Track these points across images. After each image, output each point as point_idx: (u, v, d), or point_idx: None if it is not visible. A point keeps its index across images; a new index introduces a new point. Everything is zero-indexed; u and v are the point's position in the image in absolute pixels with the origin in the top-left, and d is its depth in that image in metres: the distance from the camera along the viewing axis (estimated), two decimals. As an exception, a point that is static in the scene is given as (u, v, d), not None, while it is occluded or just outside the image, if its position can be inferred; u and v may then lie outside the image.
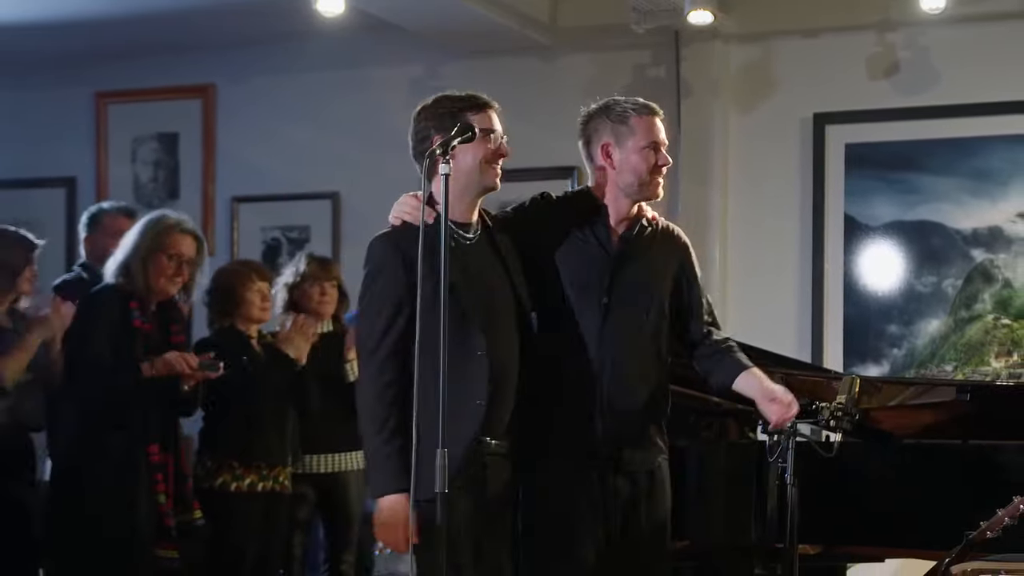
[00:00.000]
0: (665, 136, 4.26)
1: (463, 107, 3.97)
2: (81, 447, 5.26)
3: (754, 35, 7.17)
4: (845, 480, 4.73)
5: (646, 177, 4.20)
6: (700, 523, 4.83)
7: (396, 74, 7.67)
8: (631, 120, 4.21)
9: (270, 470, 5.74)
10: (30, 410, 5.51)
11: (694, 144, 7.13)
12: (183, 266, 5.34)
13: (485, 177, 3.98)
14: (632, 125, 4.20)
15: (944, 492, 4.64)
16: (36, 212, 8.26)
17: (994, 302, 6.80)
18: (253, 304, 5.81)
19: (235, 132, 8.07)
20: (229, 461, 5.66)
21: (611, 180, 4.23)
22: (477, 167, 3.95)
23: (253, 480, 5.70)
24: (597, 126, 4.25)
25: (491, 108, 4.03)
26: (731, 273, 7.15)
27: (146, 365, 5.21)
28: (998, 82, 6.79)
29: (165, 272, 5.31)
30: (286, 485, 5.81)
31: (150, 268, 5.29)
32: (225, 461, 5.65)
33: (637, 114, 4.22)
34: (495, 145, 3.99)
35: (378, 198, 7.43)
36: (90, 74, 8.27)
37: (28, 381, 5.44)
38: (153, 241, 5.31)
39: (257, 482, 5.71)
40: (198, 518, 5.41)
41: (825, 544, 4.81)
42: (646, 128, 4.21)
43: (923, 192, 6.90)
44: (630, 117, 4.21)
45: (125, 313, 5.27)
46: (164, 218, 5.43)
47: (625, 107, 4.23)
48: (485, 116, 3.99)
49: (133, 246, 5.32)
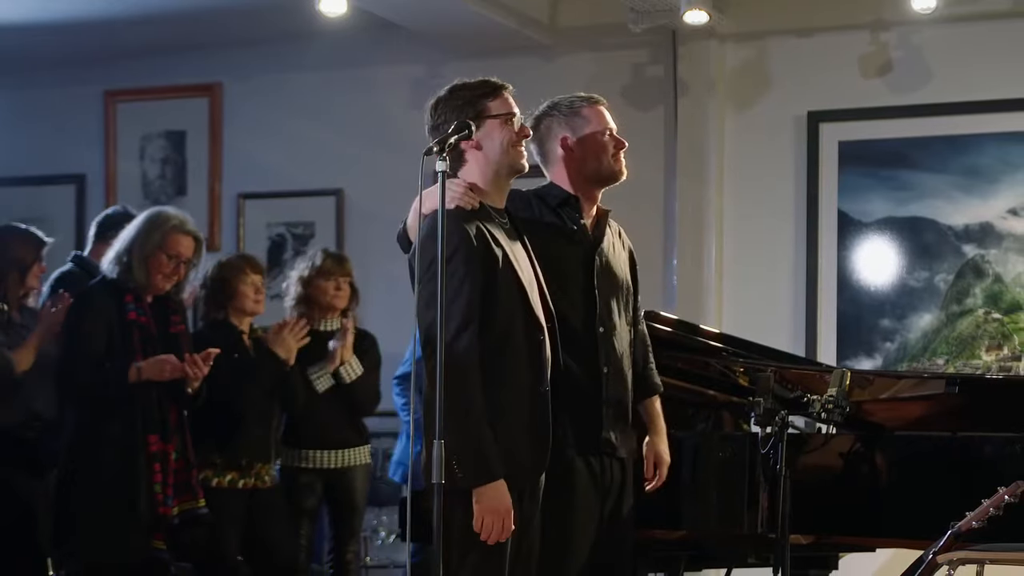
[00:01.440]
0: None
1: (479, 94, 3.94)
2: (80, 437, 5.26)
3: (749, 35, 7.17)
4: (835, 471, 4.73)
5: (610, 159, 4.24)
6: (695, 513, 4.83)
7: (398, 73, 7.68)
8: (583, 111, 4.25)
9: (250, 467, 5.75)
10: (44, 401, 5.53)
11: (690, 141, 7.14)
12: (181, 266, 5.35)
13: (513, 159, 3.91)
14: (585, 115, 4.24)
15: (933, 483, 4.64)
16: (46, 209, 8.28)
17: (985, 297, 6.80)
18: (246, 296, 5.81)
19: (241, 130, 8.07)
20: (211, 458, 5.66)
21: (575, 171, 4.24)
22: (504, 151, 3.90)
23: (234, 477, 5.71)
24: (549, 124, 4.28)
25: (506, 90, 3.98)
26: (727, 268, 7.15)
27: (133, 369, 5.21)
28: (989, 81, 6.79)
29: (163, 270, 5.32)
30: (267, 481, 5.81)
31: (150, 265, 5.30)
32: (207, 457, 5.63)
33: (587, 104, 4.26)
34: (516, 126, 3.94)
35: (381, 194, 7.61)
36: (99, 73, 8.27)
37: (40, 373, 5.46)
38: (154, 239, 5.31)
39: (238, 479, 5.72)
40: (202, 506, 5.39)
41: (816, 534, 4.81)
42: (598, 116, 4.26)
43: (915, 189, 6.90)
44: (581, 108, 4.26)
45: (120, 307, 5.27)
46: (167, 216, 5.42)
47: (572, 100, 4.28)
48: (502, 100, 3.95)
49: (133, 241, 5.32)
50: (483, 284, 3.75)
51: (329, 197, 7.86)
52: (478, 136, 3.86)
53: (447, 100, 3.95)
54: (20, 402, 5.39)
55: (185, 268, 5.37)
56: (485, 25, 7.09)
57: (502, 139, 3.90)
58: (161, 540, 5.26)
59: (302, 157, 7.89)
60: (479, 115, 3.89)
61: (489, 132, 3.88)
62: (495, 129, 3.89)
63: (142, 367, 5.21)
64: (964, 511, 4.13)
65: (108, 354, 5.23)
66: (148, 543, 5.22)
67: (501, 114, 3.90)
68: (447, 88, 3.99)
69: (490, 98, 3.93)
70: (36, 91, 8.42)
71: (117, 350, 5.24)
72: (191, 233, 5.39)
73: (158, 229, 5.33)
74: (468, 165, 3.91)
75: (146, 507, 5.19)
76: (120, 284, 5.30)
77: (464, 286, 3.72)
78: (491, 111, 3.91)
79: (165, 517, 5.23)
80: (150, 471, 5.21)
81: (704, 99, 7.14)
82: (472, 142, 3.86)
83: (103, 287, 5.33)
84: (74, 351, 5.26)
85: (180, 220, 5.42)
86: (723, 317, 7.07)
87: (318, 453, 6.06)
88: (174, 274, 5.35)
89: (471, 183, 3.89)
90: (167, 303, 5.42)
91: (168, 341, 5.38)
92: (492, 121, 3.90)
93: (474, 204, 3.84)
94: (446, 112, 3.92)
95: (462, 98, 3.93)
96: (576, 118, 4.24)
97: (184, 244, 5.35)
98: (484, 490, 3.66)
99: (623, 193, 7.38)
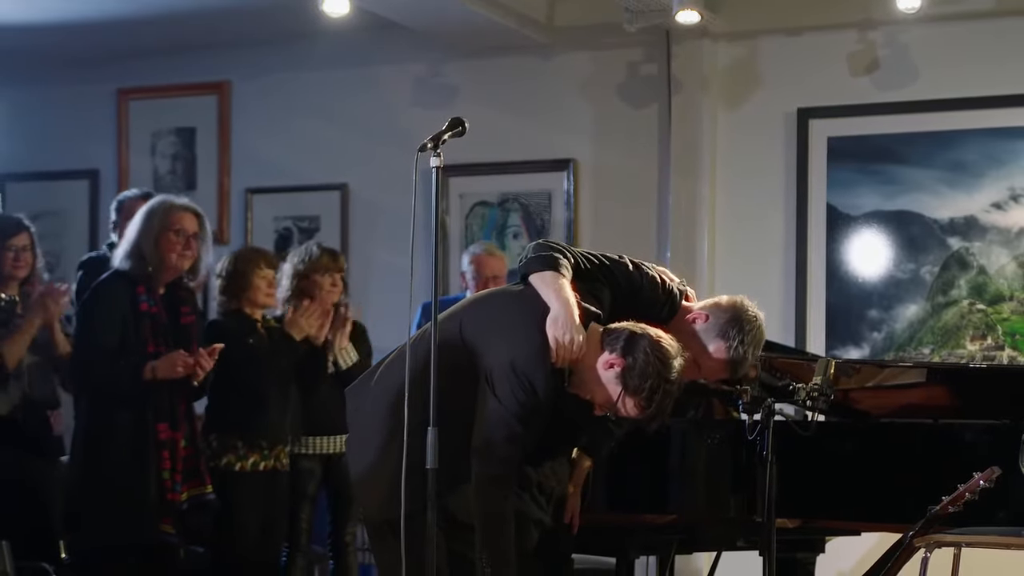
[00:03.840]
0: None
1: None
2: (92, 426, 5.26)
3: (741, 34, 7.16)
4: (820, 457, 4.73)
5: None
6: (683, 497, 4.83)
7: (400, 71, 7.69)
8: None
9: (271, 449, 5.76)
10: (43, 389, 5.53)
11: (684, 137, 7.13)
12: (190, 240, 5.33)
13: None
14: None
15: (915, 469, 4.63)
16: (61, 203, 8.33)
17: (969, 288, 6.79)
18: (259, 289, 5.82)
19: (249, 127, 8.08)
20: (233, 441, 5.66)
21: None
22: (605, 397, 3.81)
23: (256, 459, 5.71)
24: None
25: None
26: (719, 261, 7.15)
27: (148, 368, 5.19)
28: (973, 78, 6.77)
29: (175, 248, 5.30)
30: (285, 463, 5.83)
31: (161, 246, 5.28)
32: (229, 441, 5.65)
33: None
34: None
35: (384, 189, 7.62)
36: (112, 72, 8.28)
37: (38, 362, 5.46)
38: (159, 222, 5.30)
39: (259, 461, 5.72)
40: (209, 492, 5.40)
41: (802, 518, 4.81)
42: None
43: (902, 183, 6.89)
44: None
45: (133, 298, 5.27)
46: (163, 199, 5.43)
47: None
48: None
49: (140, 230, 5.31)
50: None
51: (334, 191, 7.86)
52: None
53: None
54: (15, 391, 5.40)
55: (196, 243, 5.35)
56: (484, 25, 7.09)
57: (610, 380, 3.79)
58: (170, 524, 5.26)
59: (307, 153, 7.90)
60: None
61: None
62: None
63: (156, 366, 5.19)
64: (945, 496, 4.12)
65: (122, 346, 5.22)
66: (157, 527, 5.21)
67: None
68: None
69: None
70: (52, 89, 8.43)
71: (131, 341, 5.23)
72: (190, 209, 5.38)
73: (157, 212, 5.33)
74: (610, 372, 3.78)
75: (155, 492, 5.19)
76: (132, 276, 5.29)
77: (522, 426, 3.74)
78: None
79: (174, 502, 5.24)
80: (159, 458, 5.21)
81: (697, 96, 7.13)
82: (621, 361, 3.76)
83: (116, 279, 5.32)
84: (88, 345, 5.25)
85: (178, 201, 5.42)
86: (715, 308, 7.05)
87: (317, 439, 6.06)
88: (187, 249, 5.32)
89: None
90: (177, 294, 5.41)
91: (178, 332, 5.37)
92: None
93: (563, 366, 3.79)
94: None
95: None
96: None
97: (187, 219, 5.33)
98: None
99: (619, 188, 7.46)
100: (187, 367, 5.22)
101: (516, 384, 3.72)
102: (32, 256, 5.56)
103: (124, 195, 6.49)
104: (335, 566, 6.23)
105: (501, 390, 3.74)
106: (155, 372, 5.20)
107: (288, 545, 6.03)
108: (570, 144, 7.40)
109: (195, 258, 5.36)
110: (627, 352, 3.72)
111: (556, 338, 3.72)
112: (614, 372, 3.73)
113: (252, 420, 5.70)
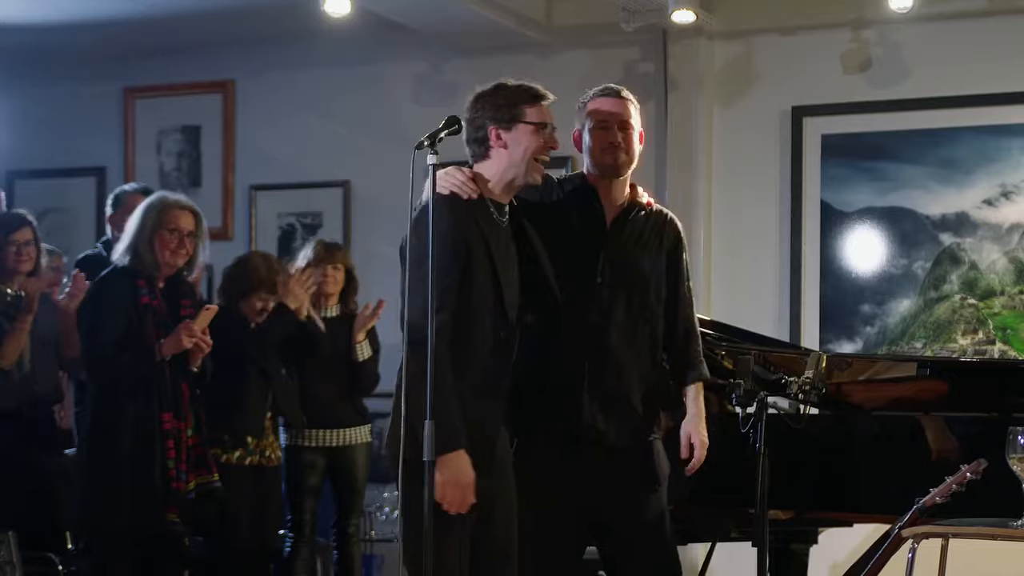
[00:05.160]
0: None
1: (519, 98, 3.86)
2: (98, 416, 5.27)
3: (736, 33, 7.16)
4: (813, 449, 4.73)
5: (600, 152, 4.13)
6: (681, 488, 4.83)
7: (402, 70, 7.70)
8: (588, 105, 4.18)
9: (256, 443, 5.77)
10: (45, 383, 5.54)
11: (680, 135, 7.13)
12: (185, 239, 5.33)
13: (530, 171, 3.85)
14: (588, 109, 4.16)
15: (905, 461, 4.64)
16: (69, 200, 8.34)
17: (961, 283, 6.79)
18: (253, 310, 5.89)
19: (253, 125, 8.08)
20: (219, 434, 5.67)
21: (589, 162, 4.18)
22: (526, 159, 3.84)
23: (241, 453, 5.74)
24: (576, 116, 4.21)
25: (545, 100, 3.89)
26: (715, 256, 7.15)
27: (158, 346, 5.21)
28: (964, 77, 6.77)
29: (169, 246, 5.29)
30: (272, 458, 5.84)
31: (155, 244, 5.28)
32: (215, 434, 5.65)
33: (593, 98, 4.19)
34: (547, 138, 3.87)
35: (385, 185, 7.62)
36: (119, 71, 8.29)
37: (42, 357, 5.46)
38: (155, 219, 5.30)
39: (245, 456, 5.74)
40: (216, 480, 5.41)
41: (795, 509, 4.81)
42: (595, 108, 4.16)
43: (895, 180, 6.89)
44: (588, 102, 4.19)
45: (134, 292, 5.28)
46: (161, 197, 5.43)
47: (591, 93, 4.20)
48: (539, 109, 3.87)
49: (137, 227, 5.32)
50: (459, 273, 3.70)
51: (336, 188, 7.87)
52: (507, 137, 3.81)
53: (488, 97, 3.88)
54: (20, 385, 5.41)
55: (191, 242, 5.35)
56: (484, 24, 7.10)
57: (528, 146, 3.84)
58: (175, 514, 5.27)
59: (311, 150, 7.91)
60: (513, 118, 3.83)
61: (518, 136, 3.83)
62: (525, 135, 3.83)
63: (163, 344, 5.21)
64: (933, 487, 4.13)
65: (127, 339, 5.23)
66: (162, 517, 5.22)
67: (534, 123, 3.84)
68: (492, 85, 3.92)
69: (528, 104, 3.86)
70: (59, 88, 8.44)
71: (135, 334, 5.24)
72: (187, 207, 5.37)
73: (155, 209, 5.33)
74: (488, 160, 3.85)
75: (160, 482, 5.20)
76: (132, 271, 5.30)
77: (447, 273, 3.68)
78: (526, 117, 3.84)
79: (179, 492, 5.24)
80: (164, 447, 5.21)
81: (693, 95, 7.14)
82: (501, 140, 3.81)
83: (117, 274, 5.33)
84: (99, 336, 5.26)
85: (175, 198, 5.42)
86: (711, 303, 7.07)
87: (321, 432, 6.08)
88: (180, 247, 5.32)
89: (477, 173, 3.85)
90: (177, 288, 5.42)
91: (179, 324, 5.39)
92: (524, 127, 3.83)
93: (472, 195, 3.81)
94: (484, 108, 3.86)
95: (503, 98, 3.87)
96: (583, 112, 4.17)
97: (183, 218, 5.33)
98: (447, 460, 3.60)
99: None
100: (191, 335, 5.20)
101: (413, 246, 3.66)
102: (36, 251, 5.58)
103: (122, 189, 6.46)
104: (339, 557, 6.25)
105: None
106: (162, 349, 5.21)
107: (292, 536, 6.05)
108: (568, 141, 7.37)
109: (190, 256, 5.36)
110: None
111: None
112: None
113: (234, 417, 5.73)
